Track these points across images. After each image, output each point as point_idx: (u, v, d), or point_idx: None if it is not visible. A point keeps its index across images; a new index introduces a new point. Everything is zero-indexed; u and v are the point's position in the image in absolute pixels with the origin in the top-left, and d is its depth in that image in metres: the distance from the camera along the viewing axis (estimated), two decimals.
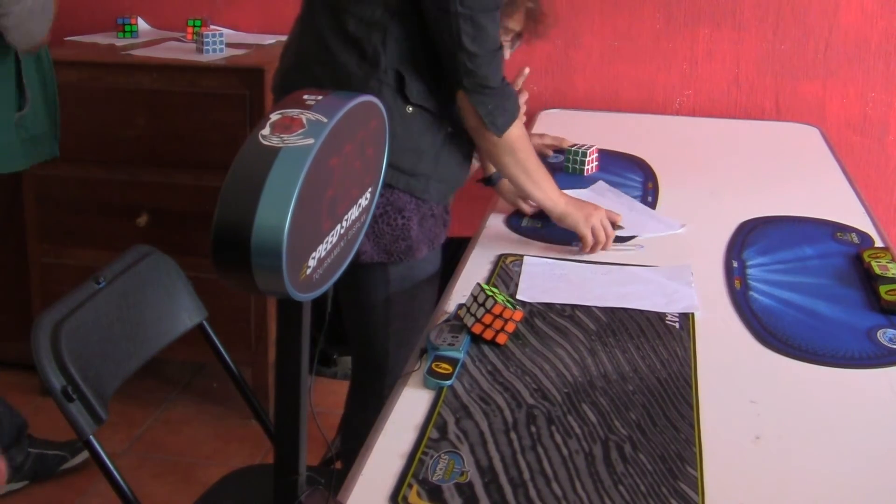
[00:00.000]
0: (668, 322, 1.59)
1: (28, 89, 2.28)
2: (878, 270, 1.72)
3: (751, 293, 1.71)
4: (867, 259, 1.78)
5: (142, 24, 3.13)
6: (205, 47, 2.76)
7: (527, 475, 1.19)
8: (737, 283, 1.75)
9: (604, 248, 1.86)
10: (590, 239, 1.85)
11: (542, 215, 1.98)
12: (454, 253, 2.00)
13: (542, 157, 2.43)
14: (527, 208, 2.06)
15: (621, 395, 1.38)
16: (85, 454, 2.54)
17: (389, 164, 1.74)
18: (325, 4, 1.76)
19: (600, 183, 2.23)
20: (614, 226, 1.90)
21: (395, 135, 1.75)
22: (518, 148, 1.82)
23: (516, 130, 1.81)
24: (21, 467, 2.49)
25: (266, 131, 0.98)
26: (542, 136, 2.48)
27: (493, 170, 2.09)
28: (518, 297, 1.69)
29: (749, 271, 1.80)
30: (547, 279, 1.75)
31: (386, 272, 1.83)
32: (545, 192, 1.87)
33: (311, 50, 1.79)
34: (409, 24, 1.72)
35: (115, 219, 2.80)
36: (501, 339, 1.50)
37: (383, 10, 1.71)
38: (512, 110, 1.79)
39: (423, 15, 1.71)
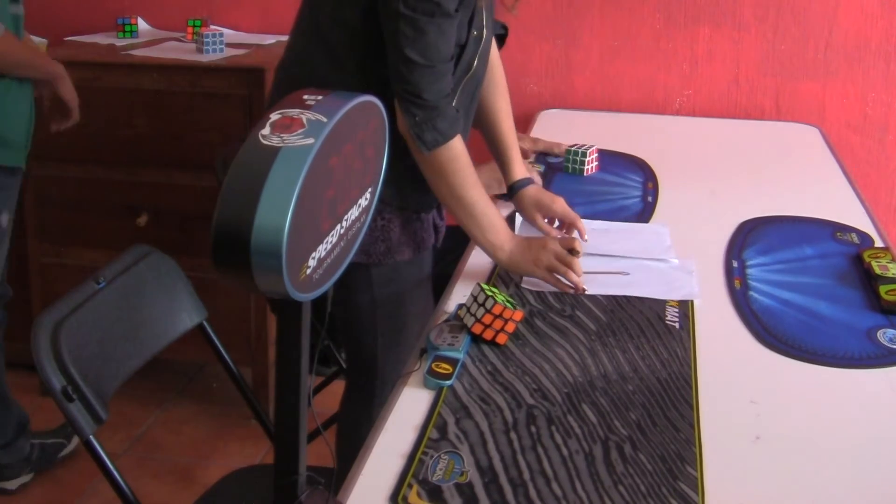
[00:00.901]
0: (668, 322, 1.59)
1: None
2: (878, 270, 1.72)
3: (751, 293, 1.71)
4: (867, 259, 1.78)
5: (142, 24, 3.13)
6: (205, 47, 2.76)
7: (527, 475, 1.19)
8: (737, 283, 1.75)
9: (578, 276, 1.67)
10: (550, 279, 1.68)
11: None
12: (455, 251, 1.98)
13: (545, 156, 2.43)
14: (549, 230, 1.89)
15: (621, 396, 1.38)
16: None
17: None
18: (311, 6, 1.74)
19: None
20: (573, 251, 1.69)
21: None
22: (449, 172, 1.67)
23: (448, 153, 1.66)
24: (30, 458, 2.51)
25: (266, 131, 0.98)
26: (535, 140, 2.48)
27: (514, 178, 1.95)
28: (522, 285, 1.70)
29: (749, 271, 1.80)
30: None
31: (368, 273, 1.79)
32: (484, 233, 1.71)
33: (292, 50, 1.78)
34: (377, 28, 1.65)
35: (115, 219, 2.80)
36: (501, 339, 1.50)
37: (354, 11, 1.65)
38: (444, 130, 1.64)
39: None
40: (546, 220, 1.92)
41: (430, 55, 1.60)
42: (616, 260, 1.83)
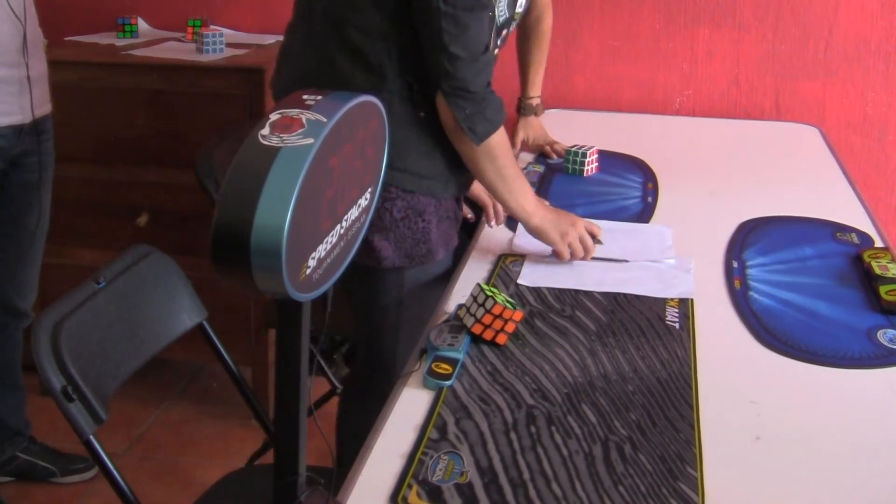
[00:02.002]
0: (668, 322, 1.59)
1: None
2: (878, 270, 1.72)
3: (751, 293, 1.71)
4: (867, 259, 1.78)
5: (142, 24, 3.13)
6: (205, 47, 2.76)
7: (527, 475, 1.19)
8: (737, 284, 1.75)
9: (584, 259, 1.81)
10: (566, 254, 1.80)
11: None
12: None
13: (545, 157, 2.44)
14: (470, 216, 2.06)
15: (621, 396, 1.38)
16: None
17: (407, 171, 1.74)
18: (325, 17, 1.73)
19: None
20: (595, 239, 1.83)
21: (412, 142, 1.75)
22: (497, 155, 1.75)
23: (497, 137, 1.74)
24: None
25: (266, 131, 0.98)
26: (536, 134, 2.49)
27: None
28: (519, 281, 1.71)
29: (749, 271, 1.80)
30: (548, 265, 1.79)
31: (402, 276, 1.82)
32: (520, 202, 1.80)
33: (312, 65, 1.77)
34: (408, 30, 1.68)
35: (115, 219, 2.80)
36: (501, 339, 1.50)
37: (382, 17, 1.67)
38: (493, 119, 1.72)
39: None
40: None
41: (473, 48, 1.65)
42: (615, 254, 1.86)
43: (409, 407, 1.35)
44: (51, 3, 3.07)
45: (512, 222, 2.02)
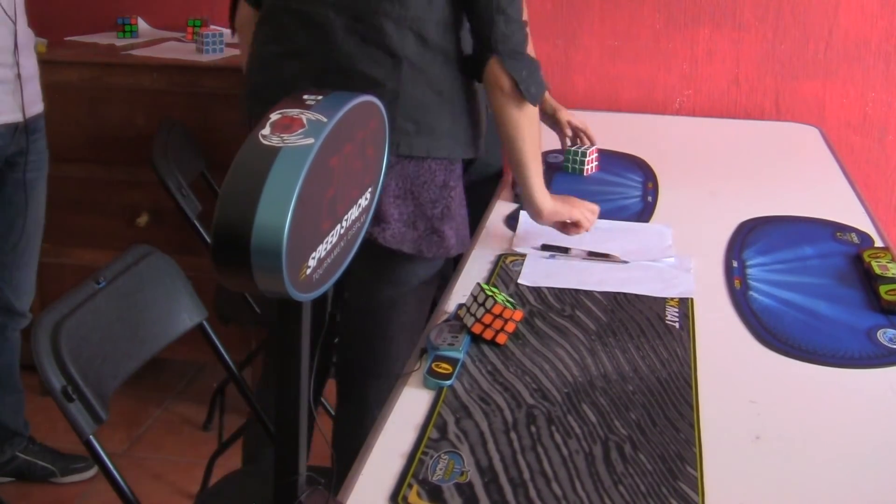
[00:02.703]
0: (668, 322, 1.59)
1: None
2: (878, 270, 1.72)
3: (751, 293, 1.71)
4: (867, 259, 1.78)
5: (142, 24, 3.14)
6: (205, 47, 2.76)
7: (527, 475, 1.19)
8: (737, 283, 1.75)
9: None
10: (586, 222, 1.85)
11: None
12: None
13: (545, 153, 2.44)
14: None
15: (621, 395, 1.38)
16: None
17: (486, 140, 1.82)
18: (394, 23, 1.69)
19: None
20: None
21: (485, 113, 1.81)
22: (536, 120, 1.79)
23: (539, 103, 1.79)
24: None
25: (266, 131, 0.98)
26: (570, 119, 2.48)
27: None
28: (520, 281, 1.71)
29: (749, 271, 1.80)
30: (549, 265, 1.79)
31: (448, 264, 1.86)
32: (541, 181, 1.83)
33: (380, 74, 1.71)
34: (459, 12, 1.74)
35: (115, 219, 2.80)
36: (501, 339, 1.50)
37: (451, 5, 1.71)
38: (541, 81, 1.77)
39: None
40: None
41: (522, 11, 1.73)
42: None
43: (410, 407, 1.35)
44: (51, 3, 3.08)
45: (512, 221, 2.02)
